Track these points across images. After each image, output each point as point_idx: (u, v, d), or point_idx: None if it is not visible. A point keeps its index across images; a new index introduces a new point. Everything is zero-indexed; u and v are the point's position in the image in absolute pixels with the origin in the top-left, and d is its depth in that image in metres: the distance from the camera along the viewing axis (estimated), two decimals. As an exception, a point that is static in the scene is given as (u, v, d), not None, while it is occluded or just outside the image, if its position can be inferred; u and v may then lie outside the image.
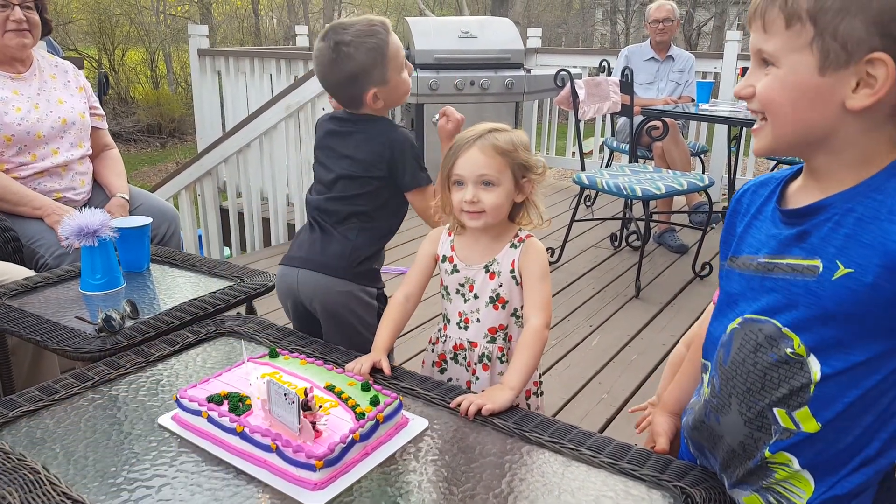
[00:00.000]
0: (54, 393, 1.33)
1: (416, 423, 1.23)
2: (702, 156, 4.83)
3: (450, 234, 1.53)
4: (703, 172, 4.86)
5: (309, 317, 1.77)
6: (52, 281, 1.95)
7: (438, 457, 1.15)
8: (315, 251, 1.73)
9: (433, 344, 1.57)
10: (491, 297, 1.47)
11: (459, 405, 1.28)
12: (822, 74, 0.81)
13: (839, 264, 0.84)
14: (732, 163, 4.62)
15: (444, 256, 1.53)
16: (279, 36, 18.62)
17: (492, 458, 1.14)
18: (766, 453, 0.94)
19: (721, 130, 5.04)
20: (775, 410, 0.92)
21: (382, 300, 1.77)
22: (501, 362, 1.49)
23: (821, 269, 0.86)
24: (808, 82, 0.83)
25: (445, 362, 1.53)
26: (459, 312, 1.51)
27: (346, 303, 1.70)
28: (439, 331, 1.56)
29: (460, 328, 1.51)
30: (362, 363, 1.42)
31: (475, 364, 1.49)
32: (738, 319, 0.97)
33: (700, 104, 4.05)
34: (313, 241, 1.75)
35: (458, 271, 1.50)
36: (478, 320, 1.49)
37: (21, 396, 1.32)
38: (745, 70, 3.63)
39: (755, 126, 0.92)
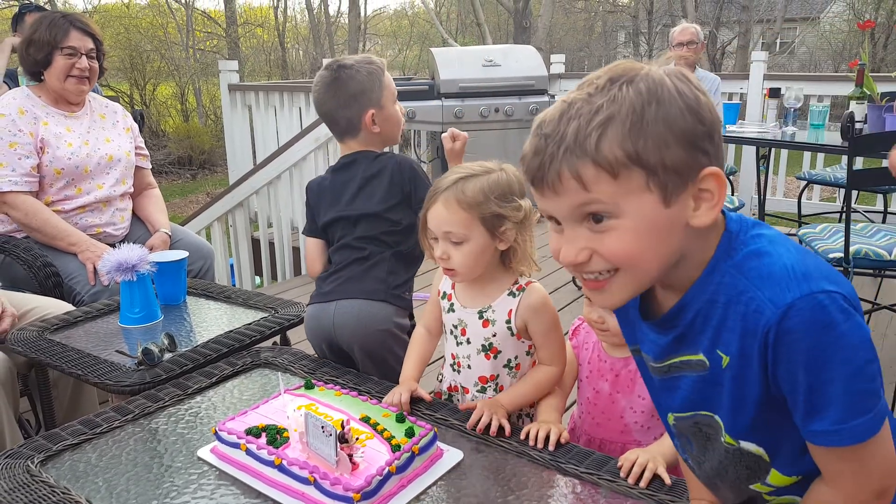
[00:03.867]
0: (96, 426, 1.36)
1: (450, 454, 1.23)
2: (730, 177, 4.79)
3: None
4: (732, 194, 4.82)
5: (343, 354, 1.77)
6: (91, 315, 1.99)
7: (474, 489, 1.15)
8: (352, 280, 1.75)
9: (439, 381, 1.56)
10: (483, 346, 1.40)
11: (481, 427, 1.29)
12: (668, 206, 0.76)
13: (721, 354, 0.82)
14: (762, 183, 4.57)
15: (444, 293, 1.47)
16: (306, 68, 18.97)
17: (528, 491, 1.14)
18: None
19: (749, 151, 5.00)
20: (752, 487, 0.91)
21: None
22: None
23: (707, 362, 0.84)
24: (658, 219, 0.77)
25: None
26: (453, 354, 1.46)
27: (384, 341, 1.71)
28: (439, 368, 1.55)
29: (454, 370, 1.46)
30: (401, 394, 1.40)
31: None
32: (671, 416, 0.95)
33: (727, 125, 4.03)
34: (349, 274, 1.76)
35: (454, 311, 1.44)
36: (468, 367, 1.43)
37: (64, 430, 1.35)
38: (771, 90, 3.57)
39: (593, 280, 0.81)
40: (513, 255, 1.39)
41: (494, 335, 1.39)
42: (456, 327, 1.44)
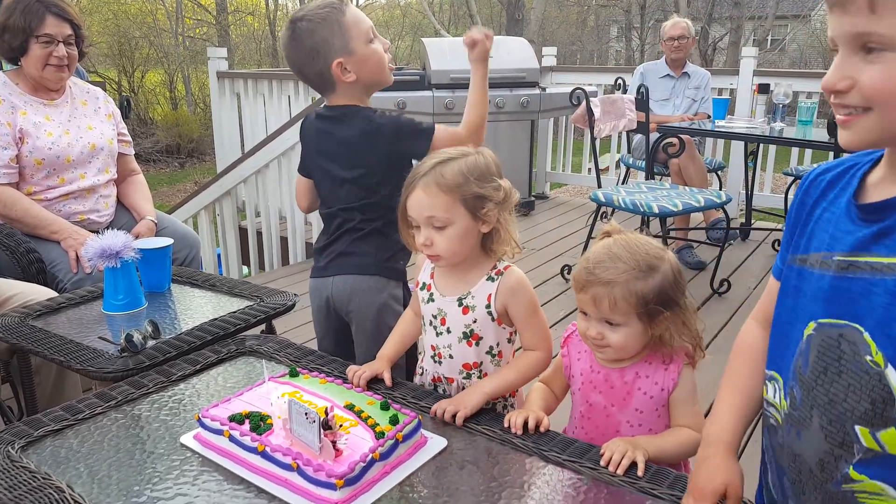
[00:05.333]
0: (78, 412, 1.35)
1: (434, 441, 1.24)
2: (719, 172, 4.81)
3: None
4: (721, 189, 4.85)
5: (345, 325, 1.79)
6: (74, 301, 1.98)
7: (457, 476, 1.15)
8: (344, 255, 1.74)
9: (417, 375, 1.54)
10: (464, 333, 1.39)
11: (437, 411, 1.31)
12: None
13: None
14: (750, 179, 4.61)
15: (423, 284, 1.47)
16: (296, 57, 18.83)
17: (510, 478, 1.14)
18: (851, 472, 0.85)
19: (738, 146, 5.03)
20: (857, 428, 0.84)
21: None
22: None
23: None
24: None
25: None
26: (433, 346, 1.45)
27: (378, 315, 1.70)
28: (419, 362, 1.54)
29: (435, 362, 1.46)
30: (364, 370, 1.43)
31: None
32: (813, 324, 0.89)
33: (716, 120, 4.05)
34: (341, 248, 1.75)
35: (433, 301, 1.43)
36: (450, 356, 1.42)
37: (46, 416, 1.34)
38: (760, 87, 3.58)
39: (845, 117, 0.81)
40: (495, 237, 1.37)
41: (475, 321, 1.38)
42: (436, 317, 1.43)
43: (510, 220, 1.38)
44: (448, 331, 1.41)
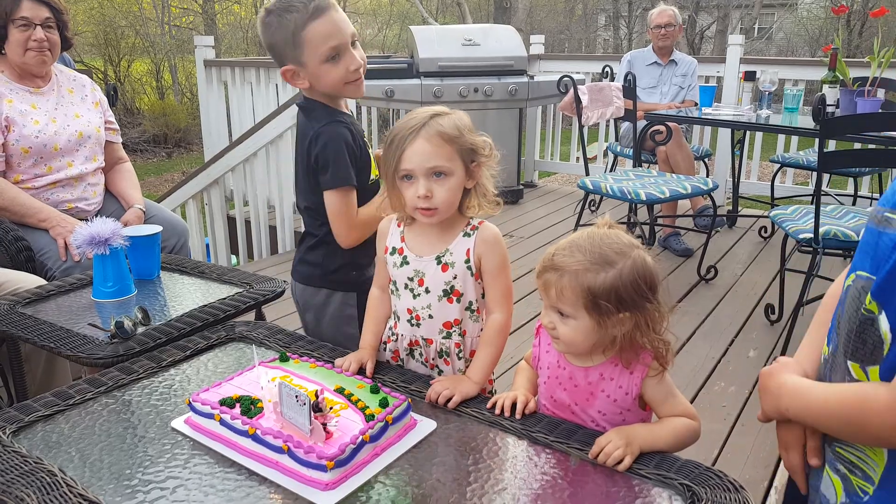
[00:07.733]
0: (69, 398, 1.36)
1: (424, 424, 1.25)
2: (706, 159, 4.84)
3: (399, 225, 1.46)
4: (708, 176, 4.88)
5: None
6: (64, 289, 1.98)
7: (447, 457, 1.17)
8: (300, 260, 1.75)
9: (385, 343, 1.52)
10: (444, 291, 1.41)
11: (431, 396, 1.33)
12: None
13: None
14: (736, 166, 4.64)
15: (392, 248, 1.46)
16: (283, 45, 18.70)
17: (499, 459, 1.16)
18: None
19: (725, 134, 5.05)
20: (849, 364, 0.89)
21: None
22: (459, 359, 1.45)
23: None
24: None
25: (401, 359, 1.50)
26: (409, 309, 1.45)
27: (336, 328, 1.71)
28: (390, 329, 1.51)
29: (412, 325, 1.46)
30: (350, 362, 1.44)
31: (433, 359, 1.46)
32: (853, 276, 0.94)
33: (703, 108, 4.07)
34: (300, 252, 1.76)
35: (408, 263, 1.43)
36: (430, 316, 1.43)
37: (36, 401, 1.34)
38: (747, 74, 3.59)
39: None
40: (475, 193, 1.41)
41: (455, 277, 1.40)
42: (412, 279, 1.43)
43: (489, 177, 1.42)
44: (427, 290, 1.42)
